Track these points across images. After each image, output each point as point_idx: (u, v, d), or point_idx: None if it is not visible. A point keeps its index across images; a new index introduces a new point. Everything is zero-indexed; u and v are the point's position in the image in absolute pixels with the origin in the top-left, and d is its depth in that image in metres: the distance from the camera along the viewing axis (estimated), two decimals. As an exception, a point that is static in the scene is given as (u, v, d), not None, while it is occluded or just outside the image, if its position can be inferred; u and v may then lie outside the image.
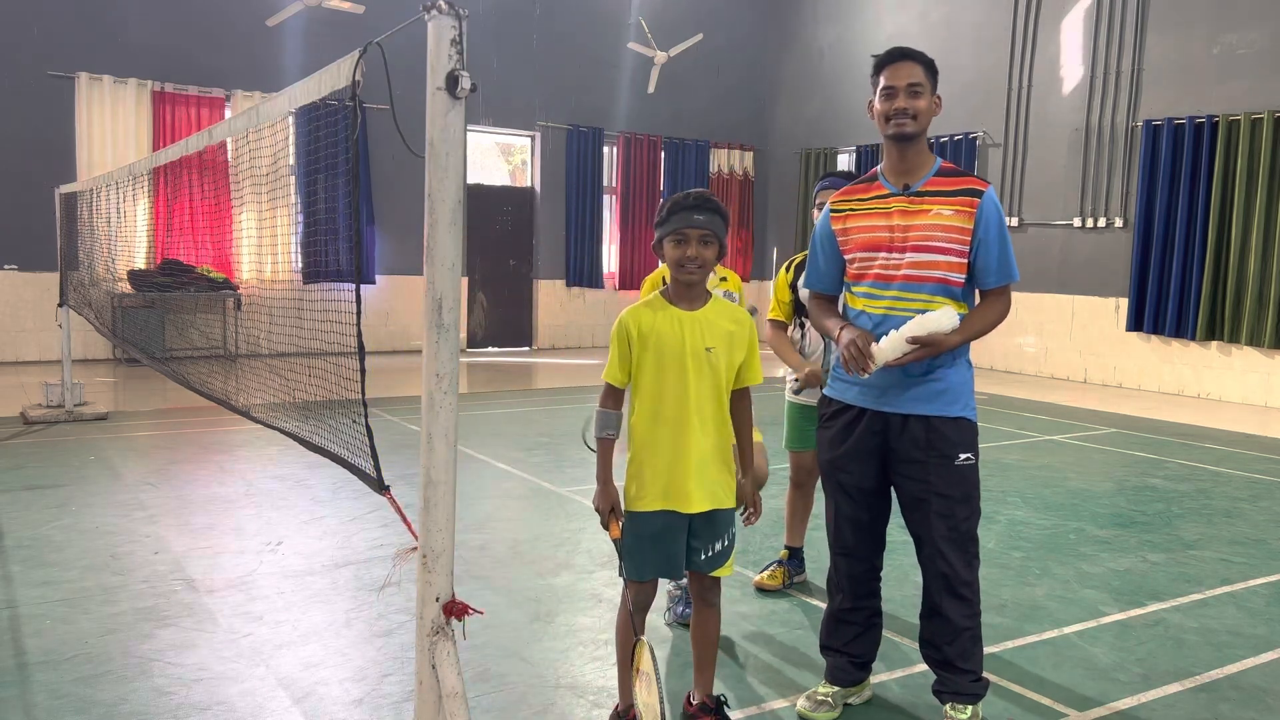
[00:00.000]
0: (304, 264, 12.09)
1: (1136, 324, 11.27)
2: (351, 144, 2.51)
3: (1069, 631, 3.93)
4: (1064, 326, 12.13)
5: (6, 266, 11.29)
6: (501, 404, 9.62)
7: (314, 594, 4.16)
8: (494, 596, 4.18)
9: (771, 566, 4.37)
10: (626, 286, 15.05)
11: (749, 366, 2.90)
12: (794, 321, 4.22)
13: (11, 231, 11.14)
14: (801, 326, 4.20)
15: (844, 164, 14.84)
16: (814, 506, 4.31)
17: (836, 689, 3.17)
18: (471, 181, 14.09)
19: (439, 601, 2.11)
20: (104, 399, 8.87)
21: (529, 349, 14.60)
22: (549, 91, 14.25)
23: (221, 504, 5.56)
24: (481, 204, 14.07)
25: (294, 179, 12.28)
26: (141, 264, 11.54)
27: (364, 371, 2.52)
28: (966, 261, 2.90)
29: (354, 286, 2.48)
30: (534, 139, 14.45)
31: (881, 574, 3.19)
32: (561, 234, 14.64)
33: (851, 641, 3.17)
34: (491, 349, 14.37)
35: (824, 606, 3.30)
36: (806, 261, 4.10)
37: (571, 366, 12.84)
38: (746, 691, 3.32)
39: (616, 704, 3.00)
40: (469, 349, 14.09)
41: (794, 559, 4.39)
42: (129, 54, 11.57)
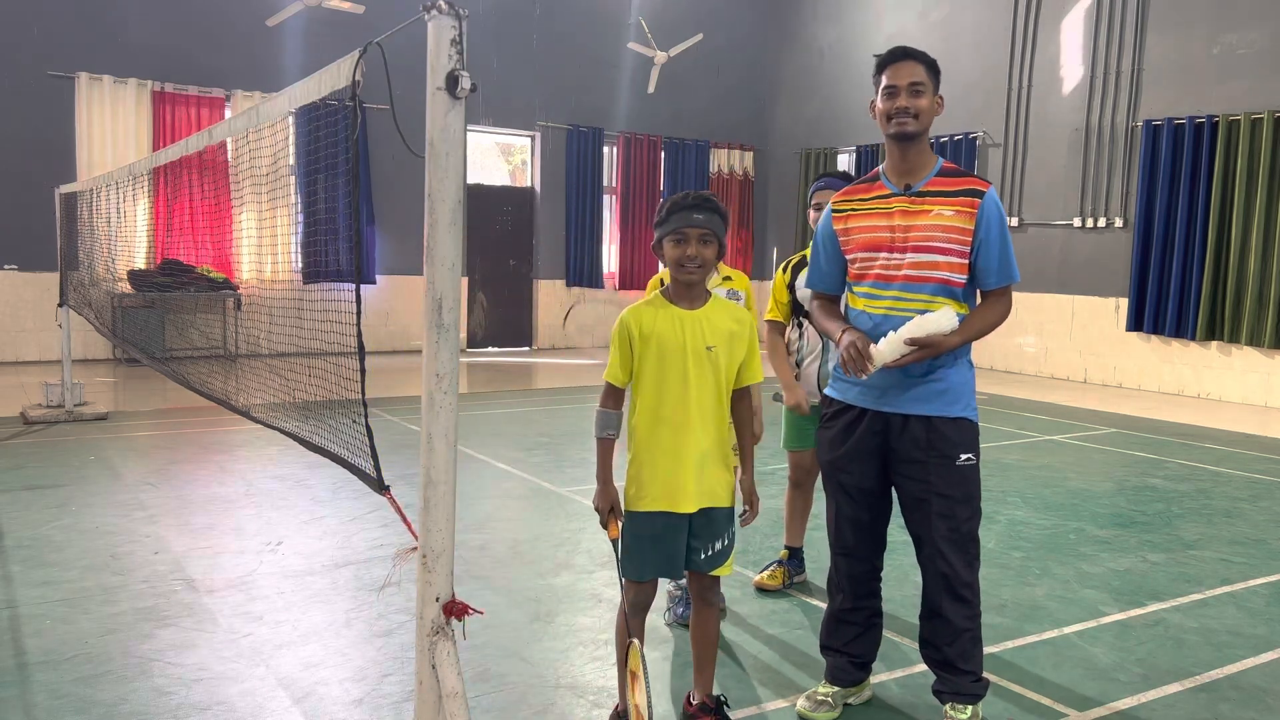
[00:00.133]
0: (304, 264, 12.09)
1: (1136, 324, 11.27)
2: (351, 144, 2.51)
3: (1069, 631, 3.93)
4: (1064, 326, 12.13)
5: (6, 266, 11.29)
6: (501, 404, 9.62)
7: (314, 594, 4.16)
8: (494, 596, 4.18)
9: (771, 566, 4.37)
10: (626, 286, 15.06)
11: (749, 366, 2.90)
12: (792, 321, 4.22)
13: (11, 231, 11.14)
14: (799, 326, 4.20)
15: (844, 164, 14.84)
16: (814, 506, 4.31)
17: (836, 689, 3.17)
18: (471, 181, 14.10)
19: (439, 601, 2.11)
20: (104, 399, 8.87)
21: (529, 349, 14.61)
22: (549, 91, 14.25)
23: (221, 504, 5.56)
24: (481, 204, 14.07)
25: (294, 179, 12.28)
26: (141, 264, 11.54)
27: (364, 371, 2.52)
28: (968, 262, 2.90)
29: (354, 286, 2.48)
30: (534, 139, 14.45)
31: (882, 574, 3.19)
32: (561, 234, 14.64)
33: (852, 642, 3.17)
34: (491, 349, 14.37)
35: (824, 606, 3.30)
36: (803, 261, 4.14)
37: (571, 366, 12.84)
38: (746, 691, 3.32)
39: (616, 704, 3.00)
40: (469, 349, 14.09)
41: (794, 559, 4.39)
42: (129, 54, 11.57)
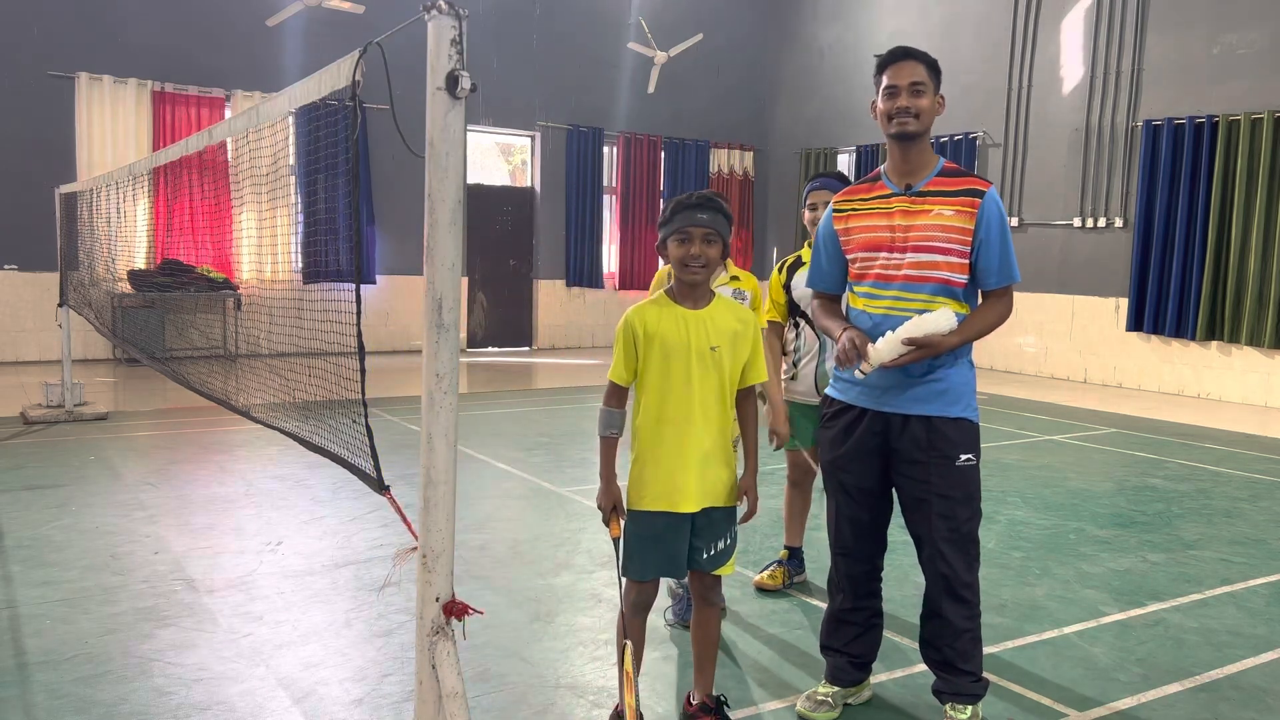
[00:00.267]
0: (304, 264, 12.09)
1: (1136, 324, 11.27)
2: (351, 144, 2.51)
3: (1069, 631, 3.93)
4: (1064, 326, 12.13)
5: (6, 266, 11.29)
6: (501, 404, 9.62)
7: (314, 594, 4.16)
8: (494, 596, 4.18)
9: (771, 566, 4.37)
10: (626, 286, 15.06)
11: (754, 365, 2.91)
12: (789, 321, 4.22)
13: (11, 231, 11.14)
14: (796, 326, 4.20)
15: (844, 164, 14.85)
16: (814, 506, 4.31)
17: (836, 689, 3.17)
18: (471, 181, 14.09)
19: (439, 601, 2.11)
20: (104, 399, 8.87)
21: (529, 349, 14.61)
22: (549, 91, 14.25)
23: (221, 504, 5.56)
24: (481, 204, 14.07)
25: (294, 179, 12.28)
26: (141, 264, 11.54)
27: (364, 371, 2.52)
28: (968, 262, 2.90)
29: (354, 286, 2.48)
30: (534, 139, 14.45)
31: (882, 574, 3.19)
32: (561, 234, 14.63)
33: (852, 642, 3.17)
34: (491, 349, 14.37)
35: (824, 606, 3.30)
36: (798, 261, 4.15)
37: (571, 366, 12.84)
38: (746, 691, 3.32)
39: (617, 704, 3.00)
40: (469, 349, 14.09)
41: (794, 559, 4.39)
42: (129, 54, 11.57)
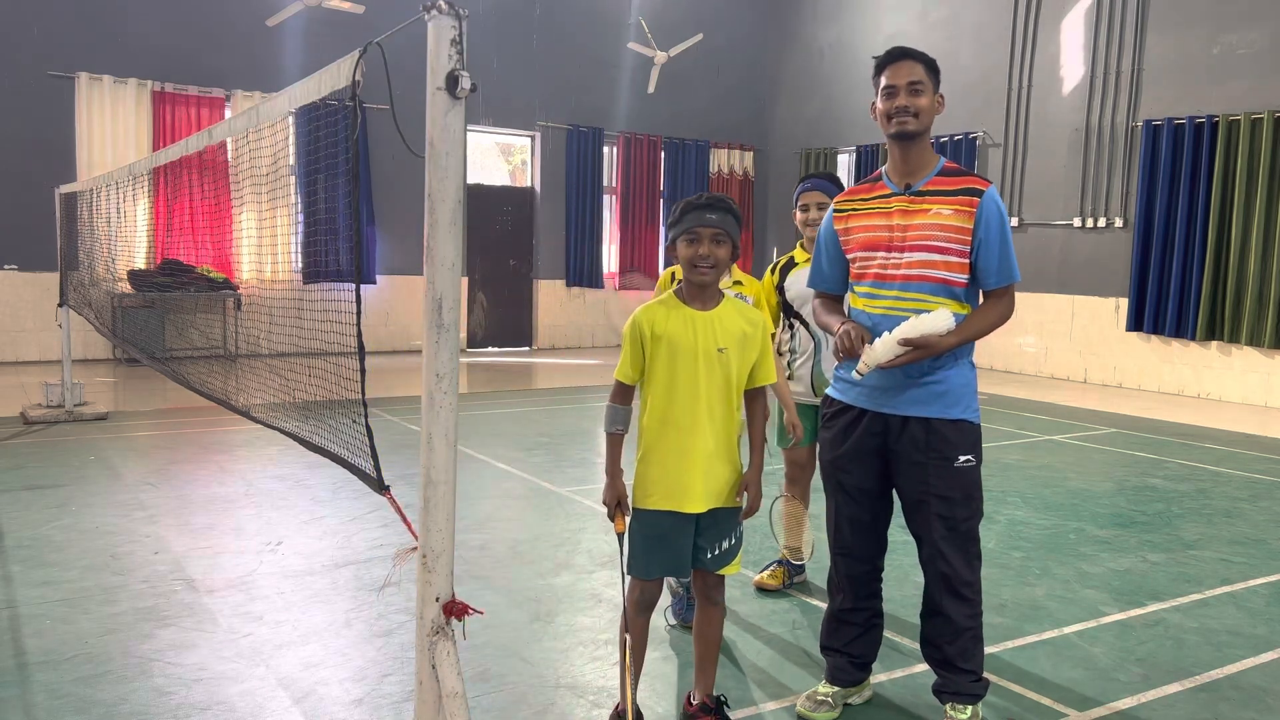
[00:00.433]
0: (304, 264, 12.08)
1: (1136, 324, 11.27)
2: (351, 144, 2.51)
3: (1069, 631, 3.93)
4: (1064, 326, 12.12)
5: (6, 266, 11.29)
6: (501, 404, 9.62)
7: (314, 594, 4.16)
8: (494, 596, 4.18)
9: (772, 566, 4.37)
10: (626, 286, 15.06)
11: (762, 366, 2.91)
12: (782, 322, 4.22)
13: (11, 231, 11.14)
14: (791, 328, 4.20)
15: (844, 164, 14.85)
16: (813, 506, 4.31)
17: (836, 689, 3.17)
18: (471, 181, 14.09)
19: (439, 601, 2.11)
20: (104, 399, 8.87)
21: (529, 349, 14.61)
22: (549, 91, 14.25)
23: (221, 504, 5.56)
24: (481, 204, 14.07)
25: (294, 179, 12.28)
26: (141, 264, 11.54)
27: (364, 371, 2.52)
28: (968, 262, 2.89)
29: (354, 286, 2.48)
30: (534, 139, 14.45)
31: (882, 574, 3.19)
32: (561, 234, 14.64)
33: (852, 642, 3.17)
34: (491, 349, 14.37)
35: (824, 606, 3.30)
36: (790, 262, 4.15)
37: (571, 366, 12.83)
38: (746, 691, 3.32)
39: (617, 703, 3.01)
40: (469, 349, 14.09)
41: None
42: (129, 54, 11.57)
